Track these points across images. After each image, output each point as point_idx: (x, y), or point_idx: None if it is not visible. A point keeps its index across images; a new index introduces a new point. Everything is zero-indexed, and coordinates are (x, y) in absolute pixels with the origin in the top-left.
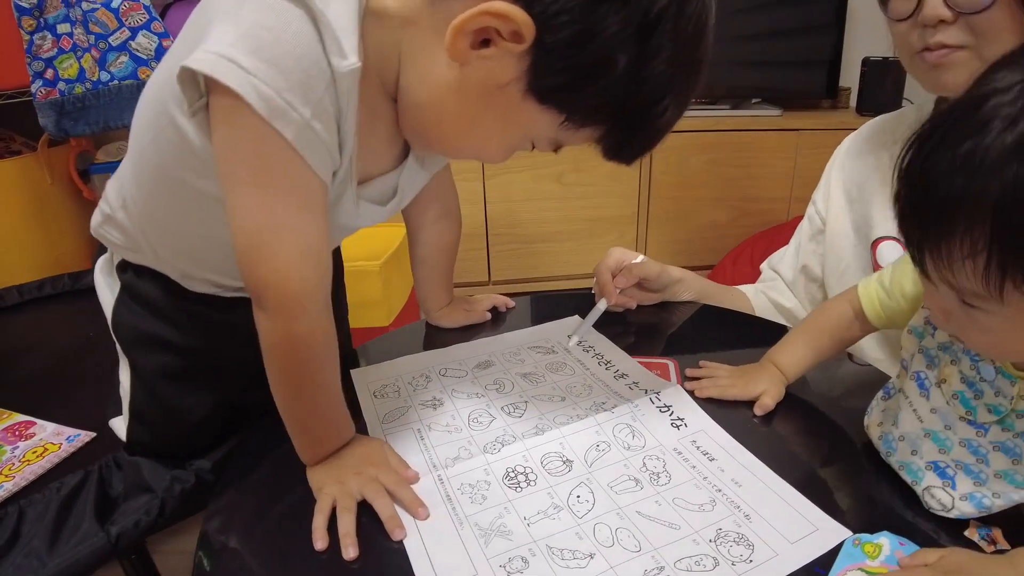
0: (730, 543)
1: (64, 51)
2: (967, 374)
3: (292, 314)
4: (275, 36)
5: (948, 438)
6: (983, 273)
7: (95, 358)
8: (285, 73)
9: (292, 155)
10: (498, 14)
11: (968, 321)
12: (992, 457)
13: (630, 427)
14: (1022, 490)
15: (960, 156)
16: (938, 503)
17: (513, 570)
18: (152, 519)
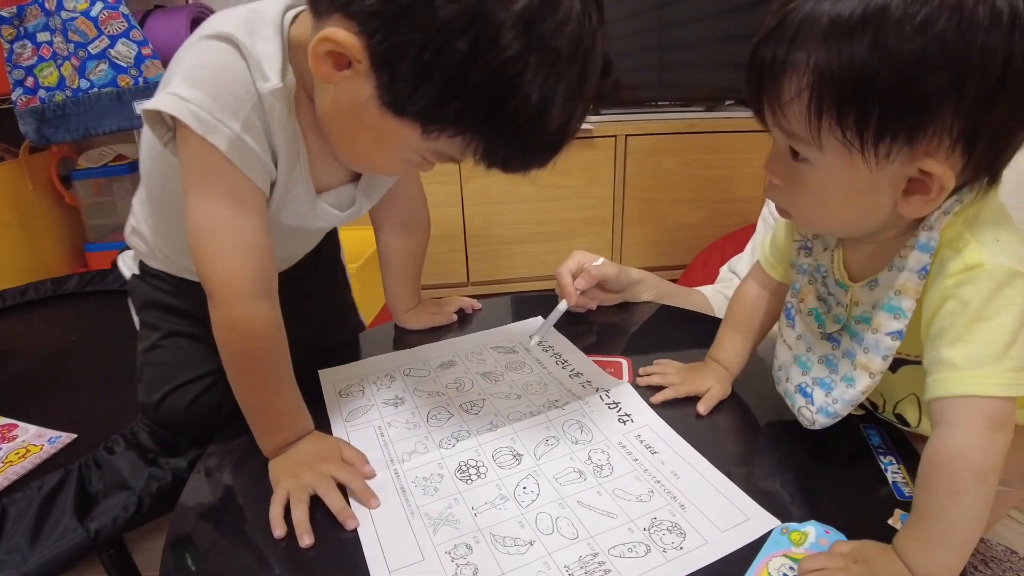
0: (663, 531)
1: (44, 59)
2: (820, 291)
3: (230, 301)
4: (207, 70)
5: (809, 359)
6: (805, 112)
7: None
8: (215, 97)
9: (227, 164)
10: (330, 39)
11: (795, 182)
12: (841, 364)
13: (579, 423)
14: (852, 388)
15: (781, 18)
16: (806, 420)
17: (457, 556)
18: (130, 515)
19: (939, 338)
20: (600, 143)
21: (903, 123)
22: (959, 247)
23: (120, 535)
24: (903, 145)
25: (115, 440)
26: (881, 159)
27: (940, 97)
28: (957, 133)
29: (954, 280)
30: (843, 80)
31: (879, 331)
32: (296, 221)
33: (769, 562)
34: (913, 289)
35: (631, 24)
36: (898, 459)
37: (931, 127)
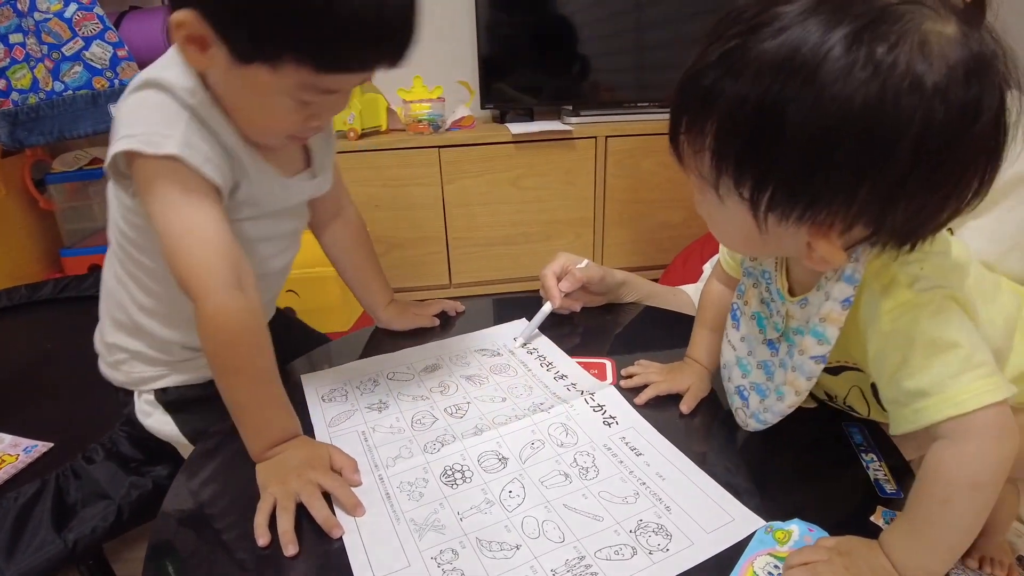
0: (649, 533)
1: (17, 61)
2: (763, 295)
3: (208, 294)
4: (140, 112)
5: (749, 363)
6: (709, 168)
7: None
8: (150, 123)
9: (179, 166)
10: (176, 23)
11: (709, 216)
12: (776, 373)
13: (564, 426)
14: (781, 402)
15: (721, 51)
16: (741, 421)
17: (443, 561)
18: (109, 525)
19: (897, 372)
20: (580, 144)
21: (796, 203)
22: (885, 282)
23: (99, 545)
24: (797, 220)
25: (94, 449)
26: (777, 221)
27: (838, 186)
28: (854, 218)
29: (889, 318)
30: (741, 151)
31: (805, 353)
32: (278, 203)
33: (754, 561)
34: (837, 318)
35: (609, 26)
36: (879, 457)
37: (824, 210)
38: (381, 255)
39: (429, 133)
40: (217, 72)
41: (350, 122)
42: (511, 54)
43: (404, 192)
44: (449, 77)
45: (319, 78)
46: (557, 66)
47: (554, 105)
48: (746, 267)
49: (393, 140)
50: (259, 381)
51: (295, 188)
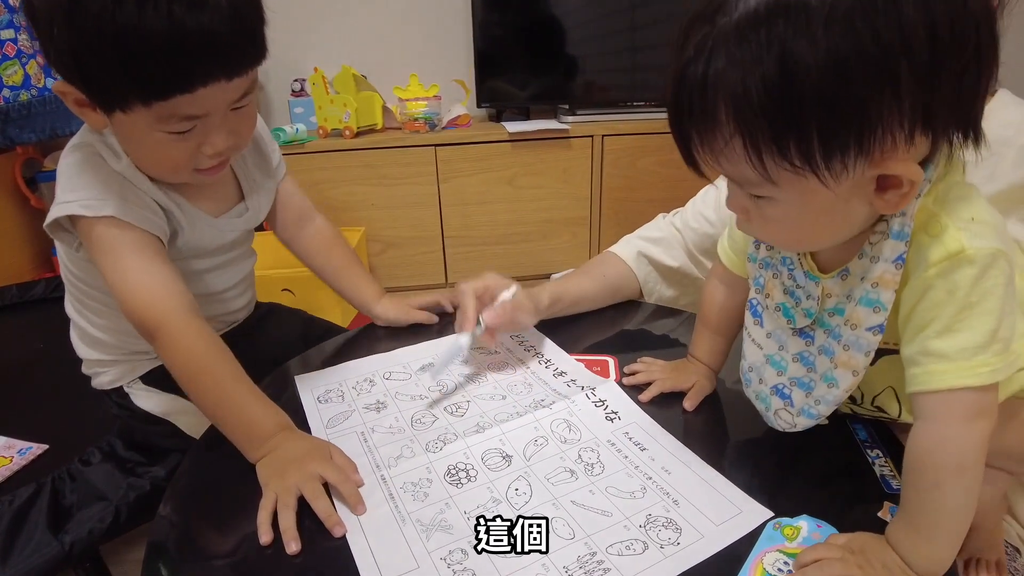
0: (659, 527)
1: (8, 57)
2: (787, 284)
3: (162, 325)
4: (76, 177)
5: (783, 359)
6: (744, 156)
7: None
8: (86, 187)
9: (122, 225)
10: (57, 91)
11: (760, 216)
12: (818, 362)
13: (567, 422)
14: (835, 388)
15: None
16: (785, 423)
17: (453, 561)
18: (106, 527)
19: (925, 328)
20: (576, 143)
21: (848, 135)
22: (935, 232)
23: (96, 547)
24: (857, 155)
25: (91, 452)
26: (839, 174)
27: (875, 96)
28: (908, 120)
29: (936, 269)
30: (768, 114)
31: (859, 327)
32: (214, 241)
33: (764, 557)
34: (891, 280)
35: (605, 25)
36: (884, 452)
37: (878, 128)
38: (376, 254)
39: (425, 131)
40: (107, 124)
41: (346, 120)
42: (507, 53)
43: (400, 191)
44: (445, 75)
45: (165, 107)
46: (553, 65)
47: (550, 104)
48: (762, 258)
49: (389, 138)
50: (233, 386)
51: (226, 226)
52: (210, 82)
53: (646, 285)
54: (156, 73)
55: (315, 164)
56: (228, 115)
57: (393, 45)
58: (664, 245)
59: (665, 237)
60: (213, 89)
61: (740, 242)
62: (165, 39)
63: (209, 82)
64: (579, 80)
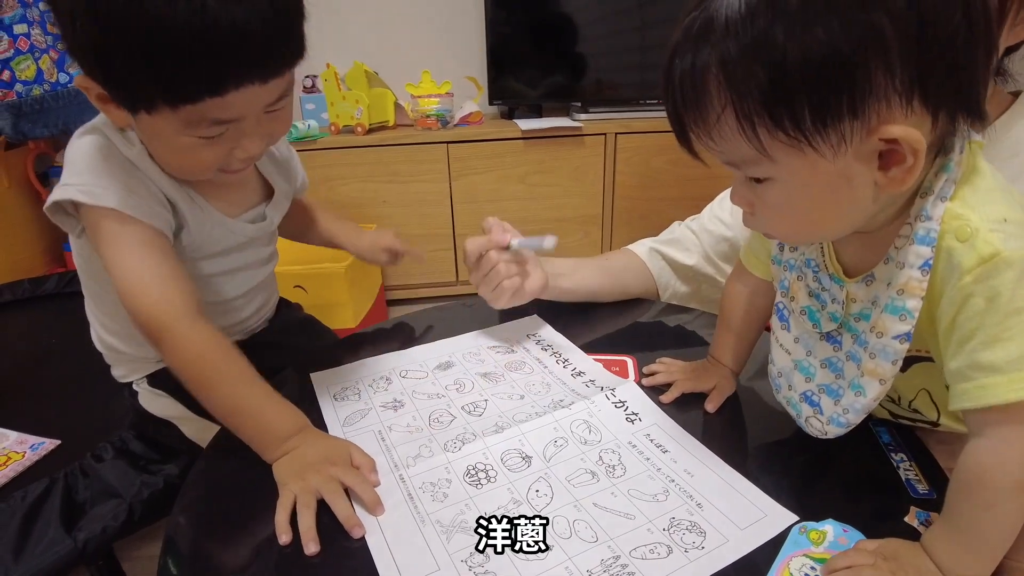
0: (683, 531)
1: (21, 52)
2: (811, 287)
3: (166, 329)
4: (83, 160)
5: (811, 364)
6: (738, 128)
7: (58, 365)
8: (91, 172)
9: (124, 218)
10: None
11: (763, 204)
12: (846, 368)
13: (587, 423)
14: (863, 397)
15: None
16: (817, 430)
17: (474, 564)
18: (120, 524)
19: (970, 340)
20: (589, 141)
21: (839, 99)
22: (965, 236)
23: (109, 545)
24: (851, 120)
25: (103, 448)
26: (837, 145)
27: (861, 54)
28: (901, 84)
29: (972, 276)
30: (757, 81)
31: (885, 335)
32: (222, 244)
33: (790, 562)
34: (917, 287)
35: (615, 23)
36: (909, 456)
37: (869, 89)
38: None
39: (437, 128)
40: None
41: (358, 117)
42: (519, 50)
43: (411, 188)
44: (457, 72)
45: (193, 111)
46: (565, 63)
47: (562, 102)
48: (786, 260)
49: (401, 135)
50: (246, 388)
51: (238, 228)
52: (243, 85)
53: (660, 280)
54: (184, 74)
55: (327, 161)
56: (262, 118)
57: (405, 42)
58: (678, 246)
59: (679, 238)
60: (246, 92)
61: (762, 246)
62: (195, 36)
63: (242, 85)
64: (591, 78)
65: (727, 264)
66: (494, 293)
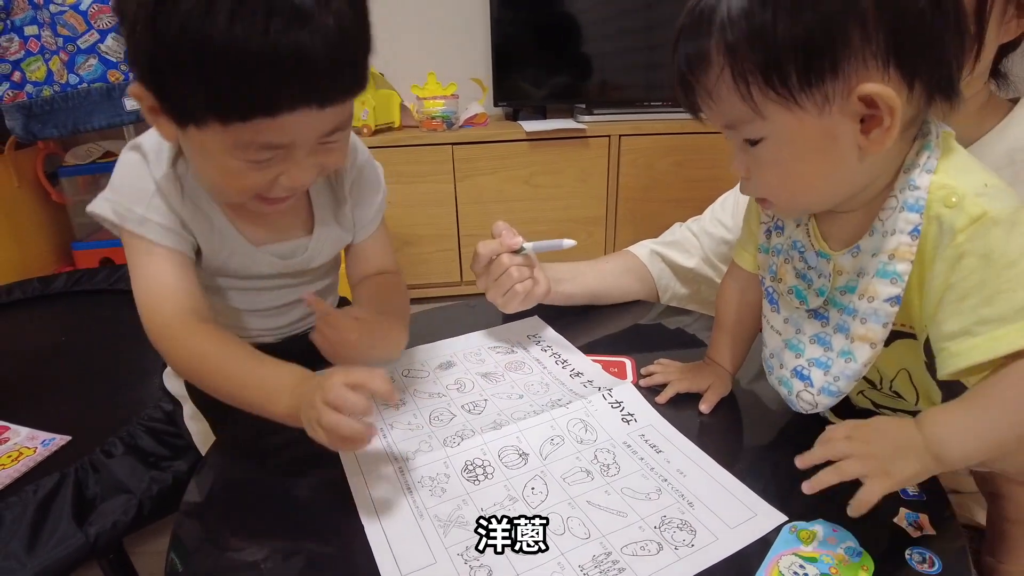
0: (674, 529)
1: (32, 53)
2: (798, 267)
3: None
4: (119, 176)
5: (800, 341)
6: (735, 89)
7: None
8: (123, 194)
9: (139, 240)
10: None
11: (758, 165)
12: (834, 340)
13: (583, 422)
14: (853, 362)
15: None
16: (807, 403)
17: (470, 558)
18: (130, 519)
19: (968, 298)
20: (594, 143)
21: (822, 59)
22: (954, 203)
23: (120, 539)
24: (833, 79)
25: (112, 443)
26: (821, 104)
27: (841, 22)
28: (879, 50)
29: (965, 235)
30: (751, 46)
31: (877, 298)
32: (244, 269)
33: (779, 560)
34: (907, 251)
35: (620, 25)
36: None
37: (848, 52)
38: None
39: (442, 130)
40: (177, 136)
41: (363, 118)
42: (524, 51)
43: (416, 189)
44: (463, 74)
45: (244, 130)
46: (571, 64)
47: (567, 103)
48: (774, 246)
49: (406, 136)
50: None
51: (263, 260)
52: (298, 108)
53: (660, 282)
54: (238, 90)
55: None
56: (315, 148)
57: (411, 44)
58: (679, 248)
59: (679, 240)
60: (301, 117)
61: (749, 238)
62: (253, 55)
63: (297, 108)
64: (596, 79)
65: (726, 266)
66: (505, 297)
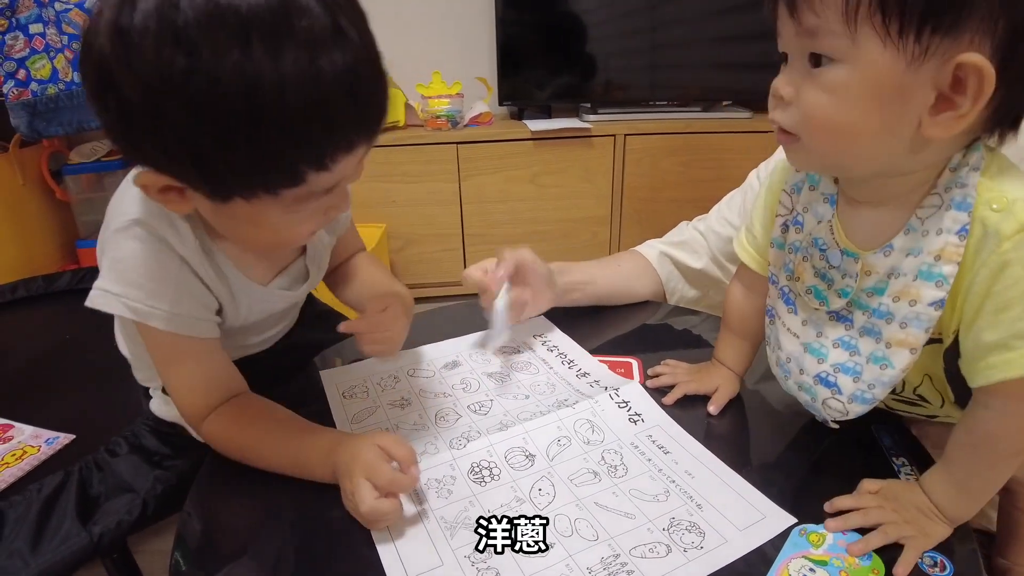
0: (682, 531)
1: (37, 51)
2: (818, 266)
3: (195, 427)
4: (129, 262)
5: (822, 345)
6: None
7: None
8: (141, 287)
9: (168, 335)
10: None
11: (814, 88)
12: (862, 344)
13: (590, 422)
14: (890, 368)
15: None
16: (836, 411)
17: (477, 559)
18: (134, 519)
19: (1008, 309)
20: (598, 142)
21: (949, 9)
22: (1003, 205)
23: (124, 538)
24: (944, 36)
25: (116, 442)
26: (918, 56)
27: None
28: (999, 36)
29: (1012, 243)
30: None
31: (920, 301)
32: (262, 314)
33: (789, 563)
34: (954, 253)
35: (625, 24)
36: (910, 460)
37: (976, 19)
38: (396, 250)
39: (447, 129)
40: (205, 210)
41: None
42: (529, 51)
43: (421, 188)
44: (467, 73)
45: (296, 191)
46: (575, 64)
47: (572, 103)
48: (791, 242)
49: (411, 135)
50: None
51: (276, 297)
52: (354, 149)
53: (668, 284)
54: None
55: None
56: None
57: (416, 43)
58: (687, 248)
59: (687, 240)
60: (357, 153)
61: (760, 235)
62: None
63: (353, 148)
64: (600, 79)
65: (734, 265)
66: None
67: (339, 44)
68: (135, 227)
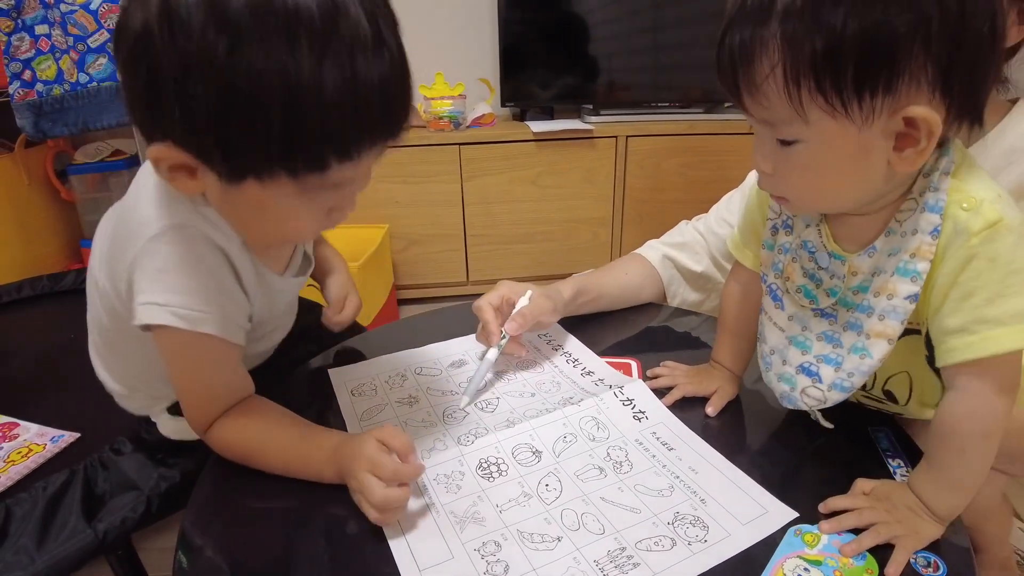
0: (687, 525)
1: (42, 52)
2: (807, 267)
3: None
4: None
5: (807, 339)
6: (784, 88)
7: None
8: (186, 292)
9: (216, 341)
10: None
11: (787, 165)
12: (844, 337)
13: (595, 420)
14: (868, 358)
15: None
16: (814, 399)
17: (487, 553)
18: (138, 516)
19: (971, 297)
20: (600, 143)
21: (879, 74)
22: (972, 205)
23: (128, 536)
24: (884, 96)
25: (121, 441)
26: (866, 117)
27: (908, 41)
28: (932, 75)
29: (979, 238)
30: (812, 45)
31: (896, 295)
32: (280, 304)
33: (784, 563)
34: (927, 251)
35: (627, 25)
36: (906, 462)
37: (906, 72)
38: (399, 251)
39: (450, 130)
40: (213, 193)
41: None
42: (532, 52)
43: (424, 188)
44: (470, 74)
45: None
46: (578, 65)
47: (574, 104)
48: (780, 244)
49: (413, 136)
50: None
51: (292, 284)
52: (376, 145)
53: (670, 287)
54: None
55: None
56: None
57: (419, 44)
58: (688, 250)
59: (689, 242)
60: (375, 151)
61: (752, 234)
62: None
63: (376, 144)
64: (603, 80)
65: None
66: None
67: (378, 52)
68: (171, 232)
